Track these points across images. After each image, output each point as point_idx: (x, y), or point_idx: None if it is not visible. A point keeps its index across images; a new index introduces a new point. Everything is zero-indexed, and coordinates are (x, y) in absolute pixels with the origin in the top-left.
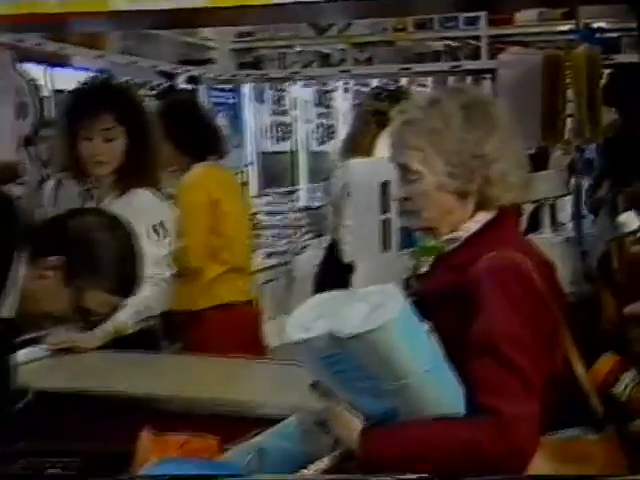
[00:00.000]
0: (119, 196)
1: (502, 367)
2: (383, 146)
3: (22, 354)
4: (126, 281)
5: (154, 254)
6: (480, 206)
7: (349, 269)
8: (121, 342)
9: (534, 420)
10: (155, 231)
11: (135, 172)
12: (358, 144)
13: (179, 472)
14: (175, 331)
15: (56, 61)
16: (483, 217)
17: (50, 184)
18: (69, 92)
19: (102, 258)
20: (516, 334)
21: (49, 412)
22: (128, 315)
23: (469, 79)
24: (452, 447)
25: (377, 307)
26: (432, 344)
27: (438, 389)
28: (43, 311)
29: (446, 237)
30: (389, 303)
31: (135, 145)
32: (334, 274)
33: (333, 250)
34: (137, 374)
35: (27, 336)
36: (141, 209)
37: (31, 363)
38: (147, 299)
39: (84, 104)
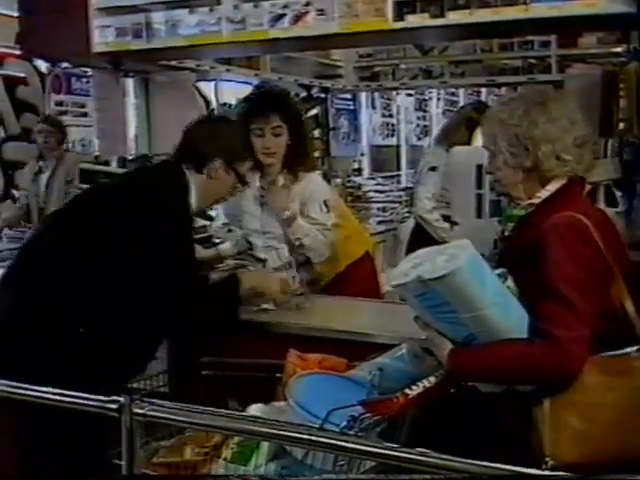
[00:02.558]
0: (295, 181)
1: (558, 302)
2: (479, 137)
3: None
4: None
5: (323, 223)
6: (547, 178)
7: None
8: None
9: (581, 343)
10: (325, 205)
11: (298, 161)
12: (450, 136)
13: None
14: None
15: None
16: (553, 187)
17: None
18: (244, 99)
19: None
20: (570, 276)
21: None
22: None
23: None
24: (516, 361)
25: (452, 257)
26: (500, 284)
27: (505, 319)
28: (215, 198)
29: (524, 203)
30: (461, 253)
31: (295, 139)
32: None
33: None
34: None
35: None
36: (315, 188)
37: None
38: (312, 237)
39: (257, 107)
